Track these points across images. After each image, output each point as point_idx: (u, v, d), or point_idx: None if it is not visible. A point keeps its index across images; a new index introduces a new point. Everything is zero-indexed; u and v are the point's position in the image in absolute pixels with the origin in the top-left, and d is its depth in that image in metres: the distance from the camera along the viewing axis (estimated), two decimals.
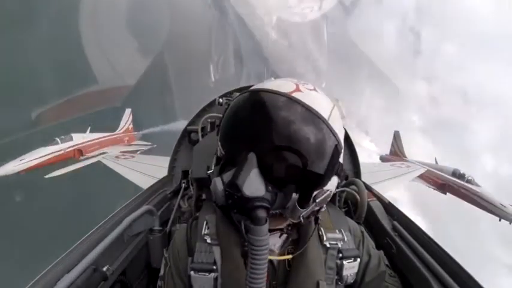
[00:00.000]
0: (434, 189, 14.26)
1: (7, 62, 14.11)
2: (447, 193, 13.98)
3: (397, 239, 1.44)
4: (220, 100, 2.30)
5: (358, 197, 1.71)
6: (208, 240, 0.90)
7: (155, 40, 19.54)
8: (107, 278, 1.24)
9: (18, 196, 13.69)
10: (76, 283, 1.10)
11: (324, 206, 0.87)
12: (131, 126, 18.58)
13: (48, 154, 13.04)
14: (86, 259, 1.19)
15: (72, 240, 1.26)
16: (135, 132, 18.70)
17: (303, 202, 0.77)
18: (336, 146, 0.77)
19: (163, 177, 2.29)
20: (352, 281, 0.95)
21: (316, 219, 0.91)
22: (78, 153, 14.04)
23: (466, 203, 13.24)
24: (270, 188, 0.72)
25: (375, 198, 1.83)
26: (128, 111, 18.73)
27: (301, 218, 0.80)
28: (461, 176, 13.74)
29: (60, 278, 1.07)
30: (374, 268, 0.98)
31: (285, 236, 0.90)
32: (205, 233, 0.92)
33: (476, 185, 13.32)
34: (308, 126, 0.74)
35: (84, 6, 17.13)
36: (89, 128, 15.85)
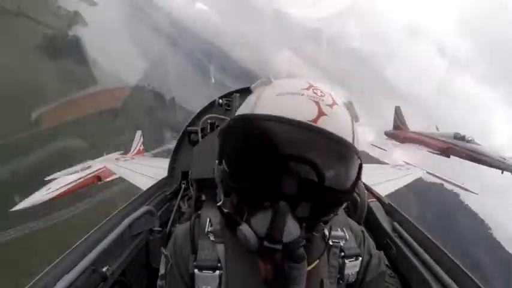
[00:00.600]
0: (438, 154, 14.72)
1: None
2: (451, 156, 14.55)
3: (397, 240, 1.44)
4: (220, 101, 2.30)
5: (358, 198, 1.71)
6: (212, 238, 0.90)
7: None
8: (106, 278, 1.24)
9: None
10: (75, 284, 1.10)
11: None
12: (142, 147, 19.55)
13: (71, 183, 14.08)
14: (85, 259, 1.18)
15: None
16: (146, 153, 19.57)
17: (327, 219, 0.79)
18: (360, 165, 0.75)
19: (163, 178, 2.28)
20: (353, 280, 0.94)
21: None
22: (97, 179, 14.96)
23: None
24: (303, 224, 0.73)
25: (375, 199, 1.83)
26: (138, 133, 19.75)
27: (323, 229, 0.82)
28: (462, 138, 14.41)
29: (59, 278, 1.07)
30: (374, 268, 0.98)
31: None
32: (209, 230, 0.91)
33: (476, 144, 13.95)
34: (338, 157, 0.72)
35: None
36: (104, 153, 16.43)
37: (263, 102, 0.74)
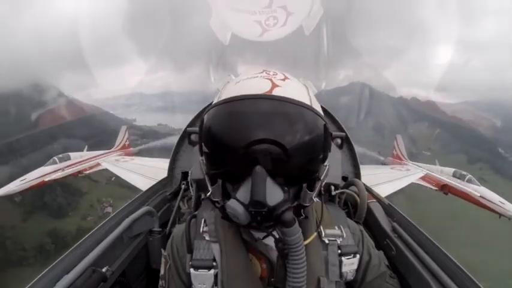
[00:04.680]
0: (436, 190, 14.52)
1: None
2: (448, 193, 14.16)
3: (397, 241, 1.44)
4: None
5: (357, 198, 1.71)
6: (207, 238, 0.91)
7: None
8: (106, 279, 1.23)
9: None
10: (75, 284, 1.10)
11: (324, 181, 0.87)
12: (128, 142, 19.22)
13: (48, 174, 13.27)
14: (85, 260, 1.19)
15: None
16: (132, 148, 19.25)
17: (311, 185, 0.80)
18: (325, 124, 0.79)
19: (163, 179, 2.28)
20: (351, 278, 0.95)
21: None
22: (76, 172, 14.33)
23: None
24: (285, 188, 0.75)
25: (374, 200, 1.83)
26: (123, 128, 19.51)
27: (313, 200, 0.82)
28: (461, 177, 14.02)
29: (59, 278, 1.07)
30: (375, 268, 0.98)
31: None
32: (204, 230, 0.93)
33: (477, 184, 13.56)
34: (300, 119, 0.75)
35: None
36: (86, 147, 16.18)
37: (226, 93, 0.81)
